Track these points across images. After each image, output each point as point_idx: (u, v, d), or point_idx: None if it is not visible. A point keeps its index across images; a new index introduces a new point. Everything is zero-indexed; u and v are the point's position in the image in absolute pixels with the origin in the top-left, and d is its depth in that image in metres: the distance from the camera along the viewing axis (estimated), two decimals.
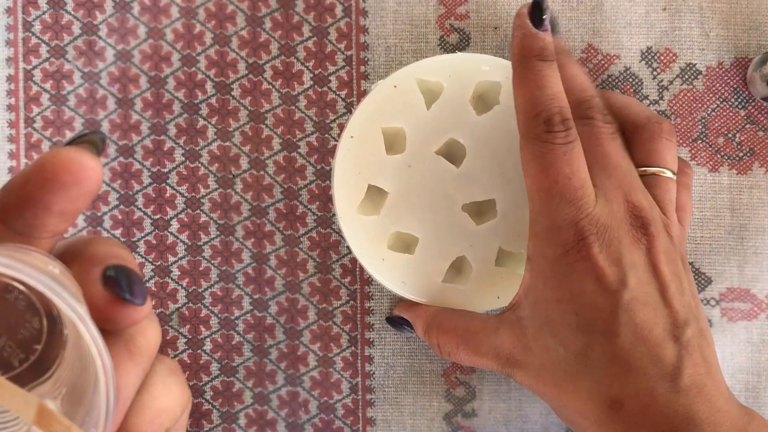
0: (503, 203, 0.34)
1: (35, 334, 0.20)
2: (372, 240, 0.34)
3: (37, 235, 0.20)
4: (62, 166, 0.19)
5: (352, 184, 0.34)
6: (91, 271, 0.20)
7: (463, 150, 0.34)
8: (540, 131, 0.29)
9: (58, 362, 0.21)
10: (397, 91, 0.34)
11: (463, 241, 0.34)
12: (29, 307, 0.20)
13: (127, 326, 0.20)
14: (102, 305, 0.19)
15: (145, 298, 0.20)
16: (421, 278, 0.34)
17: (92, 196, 0.20)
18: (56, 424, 0.17)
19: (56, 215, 0.19)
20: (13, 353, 0.20)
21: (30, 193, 0.19)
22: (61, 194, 0.19)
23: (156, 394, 0.21)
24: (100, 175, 0.19)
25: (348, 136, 0.34)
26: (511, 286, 0.34)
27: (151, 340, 0.21)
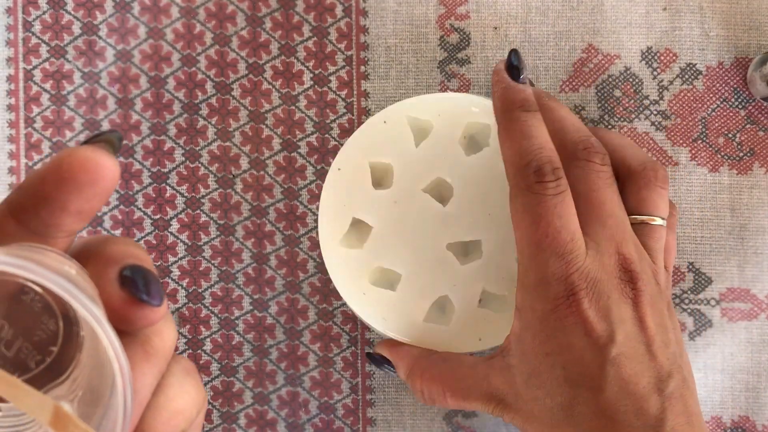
0: (489, 244, 0.34)
1: (51, 335, 0.20)
2: (354, 273, 0.34)
3: (52, 235, 0.20)
4: (79, 166, 0.19)
5: (337, 215, 0.34)
6: (107, 271, 0.19)
7: (451, 189, 0.34)
8: (531, 182, 0.29)
9: (74, 364, 0.20)
10: (387, 126, 0.34)
11: (447, 281, 0.34)
12: (45, 309, 0.20)
13: (143, 327, 0.20)
14: (118, 306, 0.19)
15: (162, 299, 0.20)
16: (403, 316, 0.34)
17: (108, 195, 0.19)
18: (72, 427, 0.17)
19: (72, 215, 0.19)
20: (30, 355, 0.20)
21: (46, 192, 0.19)
22: (78, 194, 0.19)
23: (172, 395, 0.21)
24: (116, 175, 0.19)
25: (336, 169, 0.34)
26: (494, 329, 0.34)
27: (167, 340, 0.21)
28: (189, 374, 0.22)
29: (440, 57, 0.37)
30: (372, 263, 0.34)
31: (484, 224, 0.34)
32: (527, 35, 0.37)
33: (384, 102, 0.37)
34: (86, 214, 0.20)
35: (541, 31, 0.37)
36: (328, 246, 0.34)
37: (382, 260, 0.34)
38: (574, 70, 0.37)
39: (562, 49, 0.37)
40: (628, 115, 0.37)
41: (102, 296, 0.19)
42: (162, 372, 0.21)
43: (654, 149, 0.37)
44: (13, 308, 0.20)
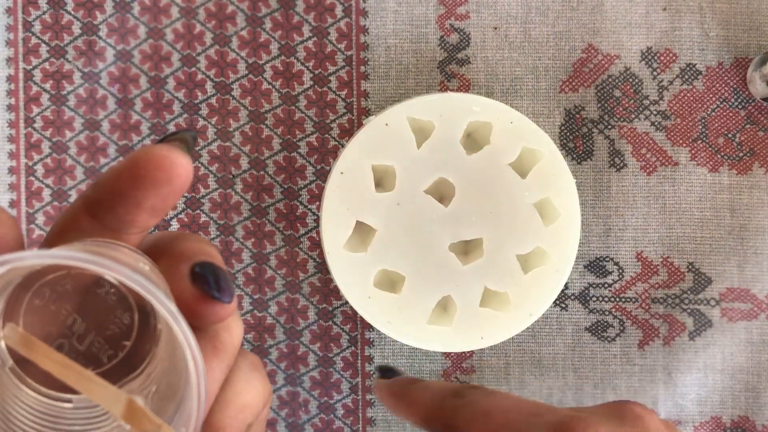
0: (490, 243, 0.34)
1: (125, 330, 0.21)
2: (358, 277, 0.34)
3: (126, 231, 0.20)
4: (155, 164, 0.19)
5: (340, 219, 0.34)
6: (179, 268, 0.20)
7: (453, 189, 0.34)
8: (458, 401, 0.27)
9: (149, 359, 0.21)
10: (389, 128, 0.34)
11: (450, 281, 0.34)
12: (120, 302, 0.20)
13: (213, 323, 0.20)
14: (190, 302, 0.19)
15: (232, 296, 0.20)
16: (407, 318, 0.34)
17: (182, 193, 0.20)
18: (146, 422, 0.17)
19: (147, 211, 0.20)
20: (102, 349, 0.20)
21: (122, 189, 0.19)
22: (153, 191, 0.19)
23: (239, 389, 0.21)
24: (190, 173, 0.20)
25: (338, 172, 0.34)
26: (495, 327, 0.34)
27: (235, 336, 0.21)
28: (255, 368, 0.22)
29: (440, 57, 0.37)
30: (376, 266, 0.34)
31: (485, 222, 0.34)
32: (527, 35, 0.37)
33: (384, 102, 0.37)
34: (160, 211, 0.20)
35: (541, 31, 0.37)
36: (332, 250, 0.34)
37: (386, 263, 0.34)
38: (574, 70, 0.37)
39: (562, 49, 0.37)
40: (628, 115, 0.37)
41: (173, 292, 0.19)
42: (230, 367, 0.21)
43: (654, 149, 0.37)
44: (87, 301, 0.20)
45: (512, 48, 0.37)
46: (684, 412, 0.38)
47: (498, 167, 0.34)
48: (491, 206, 0.34)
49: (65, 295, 0.20)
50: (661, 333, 0.38)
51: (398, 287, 0.35)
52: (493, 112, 0.34)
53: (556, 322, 0.38)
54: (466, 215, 0.34)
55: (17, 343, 0.18)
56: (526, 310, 0.35)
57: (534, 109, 0.37)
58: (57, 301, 0.20)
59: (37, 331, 0.20)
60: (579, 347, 0.38)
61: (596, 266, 0.38)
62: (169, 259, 0.20)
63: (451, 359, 0.38)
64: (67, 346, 0.20)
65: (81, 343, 0.20)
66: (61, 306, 0.20)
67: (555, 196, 0.34)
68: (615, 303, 0.38)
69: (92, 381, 0.17)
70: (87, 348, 0.20)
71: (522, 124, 0.34)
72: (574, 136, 0.37)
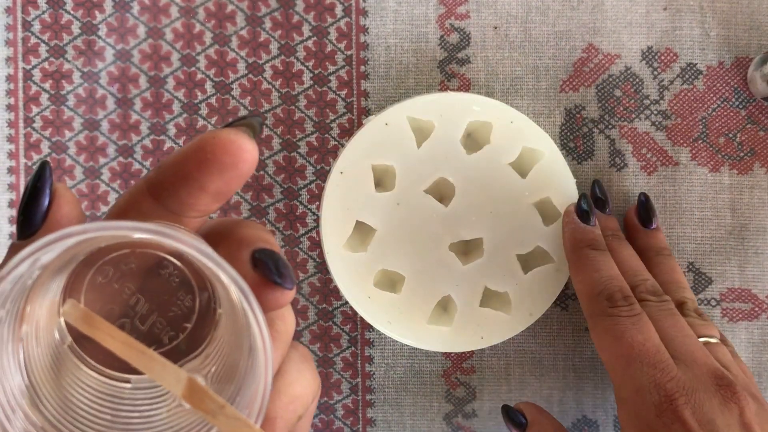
0: (490, 243, 0.34)
1: (186, 312, 0.21)
2: (358, 277, 0.34)
3: (187, 214, 0.20)
4: (221, 148, 0.19)
5: (340, 219, 0.34)
6: (240, 253, 0.20)
7: (453, 189, 0.34)
8: (604, 307, 0.31)
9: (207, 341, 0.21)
10: (389, 128, 0.34)
11: (450, 281, 0.34)
12: (183, 284, 0.20)
13: (272, 310, 0.20)
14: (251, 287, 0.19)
15: (293, 283, 0.20)
16: (408, 318, 0.34)
17: (246, 178, 0.20)
18: (208, 401, 0.17)
19: (210, 195, 0.20)
20: (164, 330, 0.20)
21: (187, 172, 0.19)
22: (218, 175, 0.19)
23: (291, 380, 0.21)
24: (255, 158, 0.20)
25: (338, 172, 0.34)
26: (495, 327, 0.34)
27: (289, 325, 0.21)
28: (306, 360, 0.22)
29: (440, 57, 0.37)
30: (376, 266, 0.34)
31: (485, 222, 0.34)
32: (527, 35, 0.37)
33: (384, 102, 0.37)
34: (223, 196, 0.20)
35: (541, 31, 0.37)
36: (332, 250, 0.34)
37: (386, 263, 0.34)
38: (574, 69, 0.37)
39: (563, 49, 0.37)
40: (629, 114, 0.37)
41: None
42: (284, 356, 0.21)
43: (654, 149, 0.37)
44: (150, 283, 0.20)
45: (512, 47, 0.37)
46: None
47: (498, 167, 0.34)
48: (491, 206, 0.34)
49: (128, 275, 0.20)
50: None
51: (398, 287, 0.34)
52: (493, 112, 0.34)
53: (556, 322, 0.38)
54: (466, 215, 0.34)
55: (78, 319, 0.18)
56: (526, 310, 0.34)
57: (534, 109, 0.37)
58: (120, 279, 0.20)
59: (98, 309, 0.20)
60: (579, 347, 0.38)
61: None
62: (228, 245, 0.20)
63: (451, 359, 0.38)
64: (128, 325, 0.20)
65: (143, 323, 0.20)
66: (124, 285, 0.20)
67: (555, 196, 0.34)
68: None
69: (154, 359, 0.17)
70: (149, 328, 0.20)
71: (522, 124, 0.34)
72: (574, 135, 0.37)
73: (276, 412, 0.20)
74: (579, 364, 0.38)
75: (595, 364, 0.38)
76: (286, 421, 0.21)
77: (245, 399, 0.18)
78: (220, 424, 0.17)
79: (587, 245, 0.33)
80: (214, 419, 0.17)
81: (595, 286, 0.32)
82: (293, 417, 0.21)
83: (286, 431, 0.21)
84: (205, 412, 0.17)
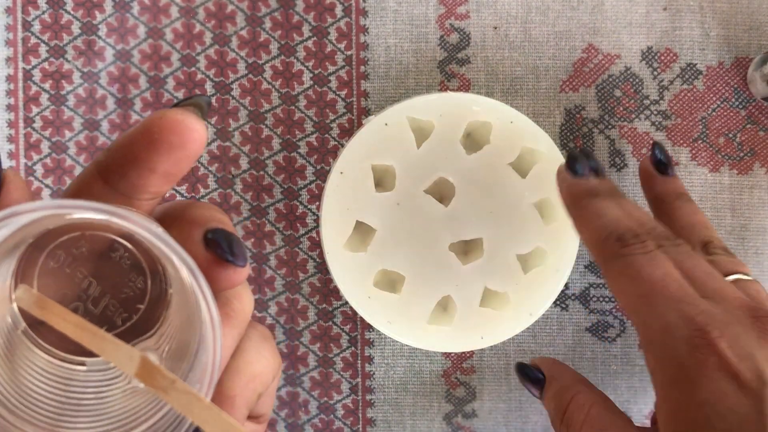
0: (490, 243, 0.34)
1: (139, 293, 0.21)
2: (358, 277, 0.34)
3: (138, 197, 0.20)
4: (168, 128, 0.19)
5: (340, 219, 0.34)
6: (192, 233, 0.20)
7: (452, 189, 0.34)
8: (615, 249, 0.28)
9: (160, 321, 0.21)
10: (389, 128, 0.34)
11: (450, 281, 0.34)
12: (134, 267, 0.21)
13: (226, 288, 0.20)
14: (204, 266, 0.19)
15: (246, 260, 0.20)
16: (408, 318, 0.34)
17: (195, 158, 0.20)
18: (160, 378, 0.17)
19: (160, 176, 0.20)
20: (116, 312, 0.21)
21: (135, 154, 0.19)
22: (166, 156, 0.19)
23: (250, 359, 0.21)
24: (204, 138, 0.20)
25: (338, 172, 0.34)
26: (495, 327, 0.34)
27: (246, 304, 0.21)
28: (266, 340, 0.22)
29: (440, 57, 0.37)
30: (376, 266, 0.34)
31: (485, 222, 0.34)
32: (527, 35, 0.37)
33: (384, 102, 0.37)
34: (173, 177, 0.20)
35: (541, 31, 0.37)
36: (332, 250, 0.34)
37: (386, 263, 0.34)
38: (574, 70, 0.37)
39: (562, 49, 0.37)
40: (629, 115, 0.37)
41: None
42: (241, 335, 0.21)
43: None
44: (102, 266, 0.21)
45: (512, 48, 0.37)
46: None
47: (498, 167, 0.34)
48: (491, 206, 0.34)
49: (80, 258, 0.20)
50: None
51: (398, 287, 0.34)
52: (492, 112, 0.34)
53: (556, 323, 0.38)
54: (466, 215, 0.34)
55: (31, 304, 0.18)
56: (526, 310, 0.34)
57: (534, 109, 0.37)
58: (72, 264, 0.20)
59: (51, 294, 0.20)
60: (579, 347, 0.38)
61: (596, 266, 0.38)
62: (180, 226, 0.20)
63: (451, 359, 0.38)
64: (82, 308, 0.20)
65: (96, 306, 0.21)
66: (76, 269, 0.20)
67: (555, 196, 0.34)
68: (615, 303, 0.38)
69: (106, 340, 0.17)
70: (102, 311, 0.21)
71: (522, 124, 0.34)
72: (574, 136, 0.37)
73: (235, 390, 0.21)
74: (579, 364, 0.38)
75: (595, 364, 0.38)
76: (246, 399, 0.21)
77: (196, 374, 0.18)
78: (172, 399, 0.17)
79: (585, 195, 0.31)
80: (166, 395, 0.17)
81: (602, 230, 0.29)
82: (253, 395, 0.21)
83: (245, 409, 0.21)
84: (157, 388, 0.17)
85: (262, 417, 0.24)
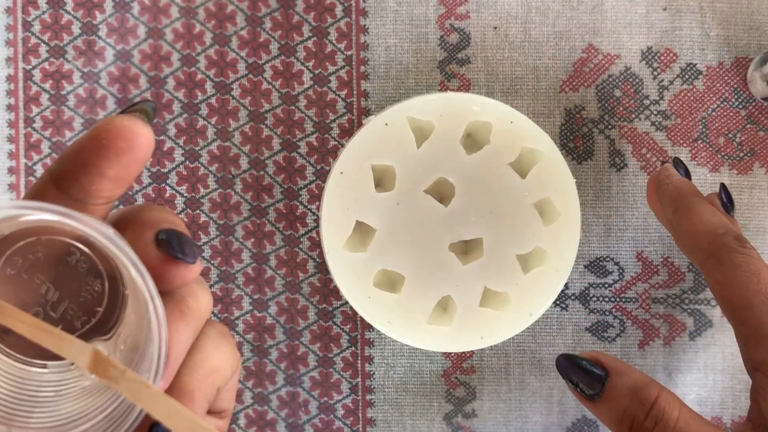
0: (490, 243, 0.34)
1: (97, 296, 0.22)
2: (358, 277, 0.34)
3: (91, 201, 0.21)
4: (116, 134, 0.20)
5: (339, 219, 0.34)
6: (144, 234, 0.21)
7: (452, 189, 0.34)
8: (735, 246, 0.29)
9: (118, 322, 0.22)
10: (389, 128, 0.34)
11: (450, 281, 0.34)
12: (91, 270, 0.21)
13: (179, 285, 0.21)
14: (155, 265, 0.20)
15: (196, 257, 0.21)
16: (407, 318, 0.34)
17: (144, 162, 0.21)
18: (111, 369, 0.18)
19: (110, 181, 0.20)
20: (75, 315, 0.21)
21: (85, 159, 0.20)
22: (115, 160, 0.20)
23: (207, 354, 0.22)
24: (151, 142, 0.21)
25: (338, 172, 0.34)
26: (495, 327, 0.34)
27: (201, 302, 0.22)
28: (223, 336, 0.23)
29: (440, 57, 0.37)
30: (376, 266, 0.34)
31: (485, 222, 0.34)
32: (527, 35, 0.37)
33: (384, 102, 0.37)
34: (123, 181, 0.21)
35: (541, 31, 0.37)
36: (332, 250, 0.34)
37: (386, 263, 0.34)
38: (574, 70, 0.37)
39: (562, 49, 0.37)
40: (628, 115, 0.37)
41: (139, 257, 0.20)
42: (197, 332, 0.22)
43: (654, 149, 0.37)
44: (59, 271, 0.21)
45: (512, 48, 0.37)
46: None
47: (498, 167, 0.34)
48: (491, 206, 0.34)
49: (37, 264, 0.21)
50: (661, 333, 0.38)
51: (398, 287, 0.34)
52: (493, 112, 0.34)
53: (556, 322, 0.38)
54: (466, 215, 0.34)
55: None
56: (526, 310, 0.34)
57: (534, 109, 0.37)
58: (29, 269, 0.21)
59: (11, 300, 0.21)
60: (579, 347, 0.38)
61: (596, 266, 0.38)
62: (134, 228, 0.21)
63: (451, 359, 0.38)
64: (42, 314, 0.21)
65: (55, 310, 0.21)
66: (33, 275, 0.21)
67: (555, 196, 0.34)
68: (615, 303, 0.38)
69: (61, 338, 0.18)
70: (61, 315, 0.21)
71: (522, 124, 0.34)
72: (574, 135, 0.37)
73: (194, 385, 0.21)
74: None
75: None
76: (204, 393, 0.22)
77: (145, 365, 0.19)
78: (122, 388, 0.18)
79: (695, 193, 0.32)
80: (117, 385, 0.18)
81: (720, 226, 0.30)
82: (211, 389, 0.22)
83: (205, 402, 0.22)
84: (109, 378, 0.18)
85: (225, 412, 0.25)
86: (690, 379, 0.38)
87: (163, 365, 0.19)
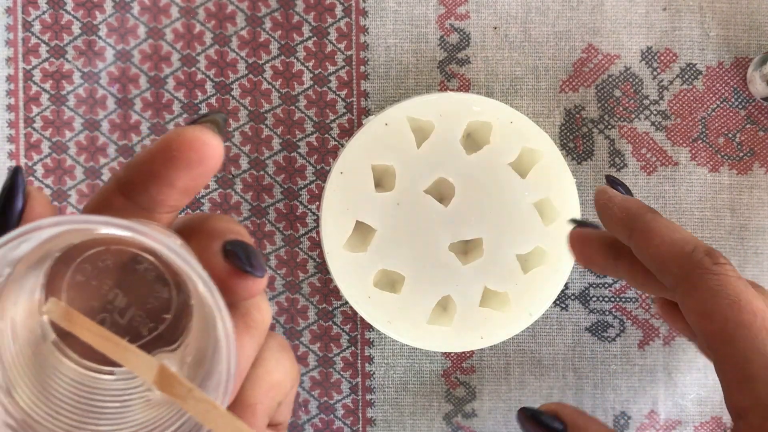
0: (490, 243, 0.34)
1: (164, 304, 0.21)
2: (358, 277, 0.34)
3: (158, 210, 0.21)
4: (187, 145, 0.20)
5: (340, 219, 0.34)
6: (211, 245, 0.20)
7: (452, 189, 0.34)
8: (707, 264, 0.25)
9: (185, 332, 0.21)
10: (389, 128, 0.34)
11: (449, 281, 0.34)
12: (158, 279, 0.21)
13: (245, 298, 0.21)
14: (222, 277, 0.20)
15: (264, 271, 0.21)
16: (407, 318, 0.34)
17: (213, 173, 0.20)
18: (177, 386, 0.18)
19: (179, 191, 0.20)
20: (142, 322, 0.21)
21: (155, 170, 0.20)
22: (185, 171, 0.20)
23: (270, 368, 0.22)
24: (221, 154, 0.20)
25: (338, 172, 0.34)
26: (494, 327, 0.34)
27: (265, 314, 0.22)
28: (284, 349, 0.23)
29: (440, 57, 0.37)
30: (376, 266, 0.34)
31: (485, 222, 0.34)
32: (527, 35, 0.37)
33: (384, 102, 0.37)
34: (191, 191, 0.21)
35: (541, 31, 0.37)
36: (332, 250, 0.34)
37: (386, 262, 0.34)
38: (574, 70, 0.37)
39: (562, 49, 0.37)
40: (628, 115, 0.37)
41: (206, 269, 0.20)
42: (260, 345, 0.22)
43: (654, 149, 0.37)
44: (127, 277, 0.21)
45: (512, 48, 0.37)
46: (684, 412, 0.38)
47: (498, 167, 0.34)
48: (491, 206, 0.34)
49: (106, 271, 0.21)
50: (661, 333, 0.38)
51: (398, 287, 0.35)
52: (493, 112, 0.34)
53: (556, 322, 0.38)
54: (466, 215, 0.34)
55: (59, 316, 0.19)
56: (526, 310, 0.35)
57: (534, 109, 0.37)
58: (98, 276, 0.21)
59: (79, 306, 0.21)
60: (579, 347, 0.38)
61: None
62: (200, 238, 0.21)
63: (451, 359, 0.38)
64: (109, 320, 0.21)
65: (122, 317, 0.21)
66: (102, 281, 0.21)
67: (555, 196, 0.34)
68: (615, 303, 0.38)
69: (128, 350, 0.18)
70: (128, 322, 0.21)
71: (522, 124, 0.34)
72: (574, 135, 0.37)
73: (256, 399, 0.21)
74: (579, 364, 0.38)
75: (595, 363, 0.38)
76: (266, 407, 0.21)
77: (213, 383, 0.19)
78: (189, 407, 0.18)
79: (647, 210, 0.28)
80: (184, 403, 0.18)
81: (686, 243, 0.26)
82: (273, 403, 0.22)
83: (266, 417, 0.21)
84: (175, 396, 0.18)
85: (281, 425, 0.24)
86: (690, 379, 0.38)
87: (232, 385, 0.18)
